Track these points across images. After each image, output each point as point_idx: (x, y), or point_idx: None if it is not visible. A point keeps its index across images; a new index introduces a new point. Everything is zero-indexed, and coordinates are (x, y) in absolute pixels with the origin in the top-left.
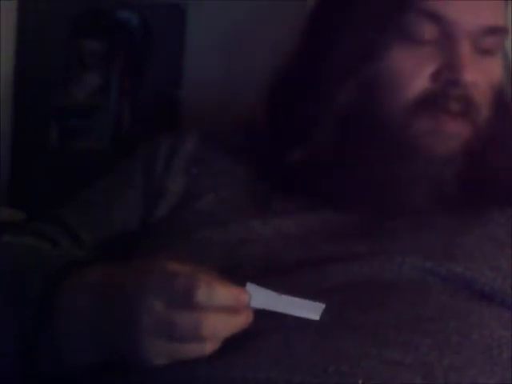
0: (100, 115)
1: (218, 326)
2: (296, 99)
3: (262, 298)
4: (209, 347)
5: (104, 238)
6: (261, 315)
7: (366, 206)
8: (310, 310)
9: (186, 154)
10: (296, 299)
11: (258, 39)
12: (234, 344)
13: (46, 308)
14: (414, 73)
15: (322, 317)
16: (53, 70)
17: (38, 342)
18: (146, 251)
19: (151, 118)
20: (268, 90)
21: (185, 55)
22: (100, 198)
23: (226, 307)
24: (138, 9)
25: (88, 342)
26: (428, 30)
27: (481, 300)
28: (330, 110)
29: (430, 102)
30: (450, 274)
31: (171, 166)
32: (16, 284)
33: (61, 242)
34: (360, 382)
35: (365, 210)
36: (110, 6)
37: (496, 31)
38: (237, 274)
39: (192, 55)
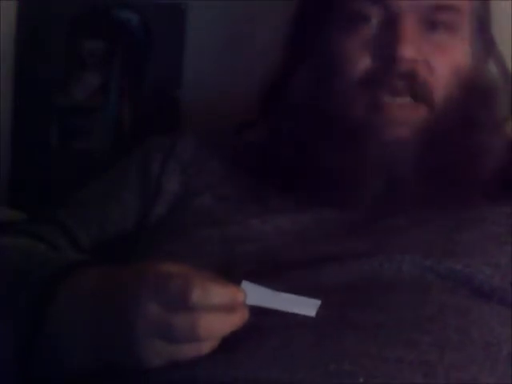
0: (100, 115)
1: (215, 326)
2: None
3: (257, 295)
4: (206, 347)
5: (102, 239)
6: (260, 314)
7: (323, 191)
8: (305, 306)
9: (183, 154)
10: (292, 296)
11: (258, 39)
12: (234, 343)
13: (41, 312)
14: (355, 53)
15: (322, 316)
16: (53, 69)
17: (35, 343)
18: (145, 251)
19: (151, 118)
20: (264, 89)
21: (185, 55)
22: (97, 198)
23: (221, 306)
24: (137, 9)
25: (87, 344)
26: (370, 11)
27: (480, 297)
28: (285, 96)
29: (372, 81)
30: (449, 272)
31: (168, 165)
32: (12, 287)
33: (58, 243)
34: (361, 380)
35: (322, 195)
36: (110, 6)
37: (447, 8)
38: (234, 272)
39: (192, 55)
